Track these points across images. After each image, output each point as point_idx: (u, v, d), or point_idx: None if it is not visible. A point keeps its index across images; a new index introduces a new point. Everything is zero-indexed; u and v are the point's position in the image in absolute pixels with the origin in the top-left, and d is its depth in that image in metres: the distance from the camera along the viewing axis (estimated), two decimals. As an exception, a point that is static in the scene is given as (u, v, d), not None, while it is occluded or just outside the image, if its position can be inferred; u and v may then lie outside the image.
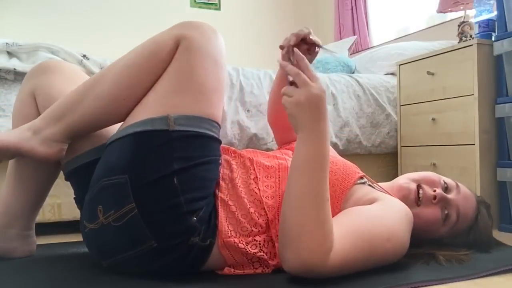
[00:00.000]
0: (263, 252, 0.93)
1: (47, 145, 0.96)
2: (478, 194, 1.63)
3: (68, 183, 1.22)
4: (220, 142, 0.98)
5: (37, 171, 1.10)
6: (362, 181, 1.05)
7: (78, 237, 1.49)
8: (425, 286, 0.89)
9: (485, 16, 1.99)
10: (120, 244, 0.89)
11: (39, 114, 1.07)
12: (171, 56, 0.93)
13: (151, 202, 0.86)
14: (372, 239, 0.87)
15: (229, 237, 0.91)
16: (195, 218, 0.88)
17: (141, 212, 0.85)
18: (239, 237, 0.91)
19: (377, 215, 0.91)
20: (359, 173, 1.05)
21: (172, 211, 0.87)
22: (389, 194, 1.04)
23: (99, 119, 0.96)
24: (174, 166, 0.87)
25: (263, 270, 0.94)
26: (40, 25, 3.41)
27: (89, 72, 1.60)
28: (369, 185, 1.06)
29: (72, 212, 1.60)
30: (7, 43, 1.56)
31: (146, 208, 0.86)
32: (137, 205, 0.85)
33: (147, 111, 0.90)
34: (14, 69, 1.49)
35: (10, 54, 1.57)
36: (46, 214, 1.56)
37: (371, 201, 0.97)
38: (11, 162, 1.11)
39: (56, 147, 0.96)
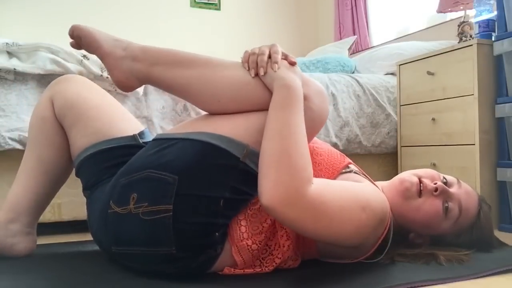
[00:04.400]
0: (268, 246, 0.94)
1: (127, 75, 0.97)
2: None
3: (68, 183, 1.23)
4: None
5: (49, 169, 1.14)
6: (348, 169, 1.05)
7: (78, 237, 1.49)
8: (425, 286, 0.89)
9: (485, 16, 1.98)
10: (139, 237, 0.89)
11: (55, 116, 1.12)
12: None
13: (188, 212, 0.86)
14: (348, 200, 0.88)
15: (242, 240, 0.91)
16: (217, 234, 0.89)
17: (175, 217, 0.85)
18: (252, 237, 0.92)
19: (356, 185, 0.94)
20: (344, 161, 1.05)
21: (205, 227, 0.88)
22: (375, 185, 1.05)
23: (181, 90, 0.97)
24: (226, 194, 0.88)
25: (263, 270, 0.94)
26: (40, 25, 3.41)
27: (89, 72, 1.59)
28: (355, 172, 1.06)
29: (72, 212, 1.60)
30: (7, 43, 1.56)
31: (181, 215, 0.86)
32: (174, 208, 0.85)
33: (230, 130, 0.91)
34: (14, 69, 1.49)
35: (10, 54, 1.57)
36: (46, 214, 1.56)
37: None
38: (25, 160, 1.15)
39: (132, 82, 0.98)
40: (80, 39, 0.98)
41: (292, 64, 0.94)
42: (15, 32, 3.27)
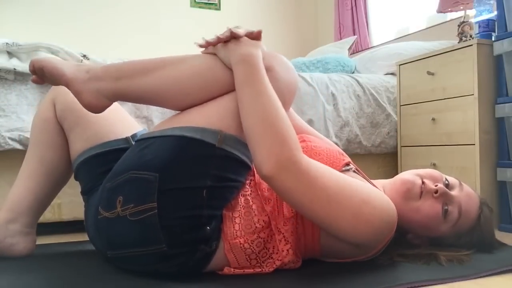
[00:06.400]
0: (266, 249, 0.94)
1: (95, 96, 0.96)
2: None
3: (68, 183, 1.23)
4: (251, 169, 1.00)
5: (50, 171, 1.14)
6: (348, 167, 1.05)
7: (78, 237, 1.49)
8: (425, 286, 0.89)
9: (485, 16, 1.98)
10: (130, 239, 0.89)
11: (56, 118, 1.13)
12: None
13: (173, 207, 0.87)
14: (349, 186, 0.89)
15: (235, 238, 0.91)
16: (208, 228, 0.89)
17: (160, 213, 0.86)
18: (244, 236, 0.92)
19: (358, 181, 0.94)
20: (344, 159, 1.05)
21: (191, 221, 0.88)
22: (376, 187, 1.04)
23: (152, 97, 0.97)
24: (207, 182, 0.88)
25: (263, 270, 0.94)
26: (40, 25, 3.41)
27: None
28: (354, 171, 1.06)
29: (72, 212, 1.60)
30: (7, 43, 1.56)
31: (166, 211, 0.86)
32: (159, 206, 0.86)
33: (202, 119, 0.91)
34: (14, 69, 1.49)
35: (10, 54, 1.57)
36: (46, 214, 1.55)
37: None
38: (26, 161, 1.15)
39: (102, 102, 0.97)
40: (42, 70, 0.97)
41: (256, 37, 0.95)
42: (15, 32, 3.27)
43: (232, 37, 0.93)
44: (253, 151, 0.86)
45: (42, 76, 0.98)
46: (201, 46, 0.99)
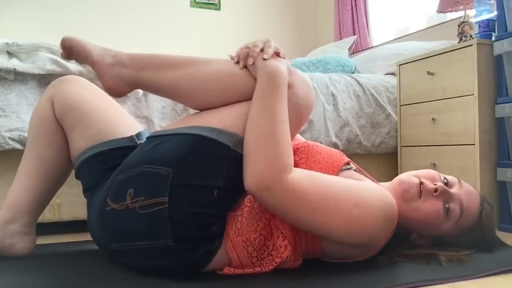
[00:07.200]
0: (266, 246, 0.95)
1: (117, 81, 1.01)
2: (478, 194, 1.63)
3: (68, 183, 1.23)
4: None
5: (49, 169, 1.15)
6: (348, 166, 1.06)
7: (78, 237, 1.49)
8: (425, 286, 0.89)
9: (485, 16, 1.98)
10: (136, 232, 0.90)
11: (54, 116, 1.13)
12: None
13: (184, 203, 0.88)
14: (337, 193, 0.89)
15: (237, 236, 0.92)
16: (214, 228, 0.90)
17: (170, 208, 0.87)
18: (246, 234, 0.92)
19: (352, 182, 0.95)
20: (344, 159, 1.06)
21: (200, 218, 0.89)
22: (376, 183, 1.04)
23: (171, 92, 1.01)
24: (219, 183, 0.89)
25: (263, 269, 0.94)
26: (40, 25, 3.41)
27: (89, 72, 1.59)
28: (355, 170, 1.07)
29: (72, 212, 1.60)
30: (7, 43, 1.56)
31: (177, 207, 0.87)
32: (170, 200, 0.87)
33: (219, 121, 0.93)
34: (14, 69, 1.49)
35: (10, 54, 1.57)
36: (46, 214, 1.56)
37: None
38: (24, 160, 1.15)
39: (122, 87, 1.02)
40: (71, 49, 1.04)
41: (277, 55, 0.97)
42: (15, 32, 3.27)
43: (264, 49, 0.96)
44: (243, 163, 0.89)
45: (70, 53, 1.05)
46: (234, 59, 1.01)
